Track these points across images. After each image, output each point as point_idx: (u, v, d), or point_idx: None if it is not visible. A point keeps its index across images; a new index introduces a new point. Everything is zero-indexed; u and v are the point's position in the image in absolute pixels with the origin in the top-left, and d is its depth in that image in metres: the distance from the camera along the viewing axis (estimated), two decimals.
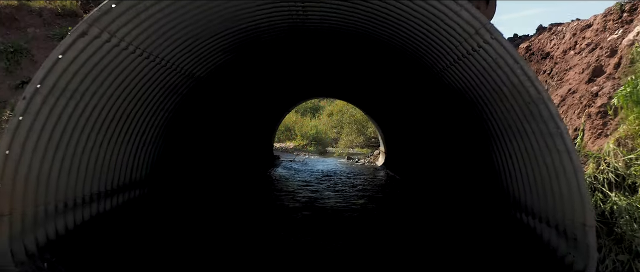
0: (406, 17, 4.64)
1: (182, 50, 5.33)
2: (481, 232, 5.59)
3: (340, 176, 13.96)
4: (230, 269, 4.99)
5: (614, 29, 7.66)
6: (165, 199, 6.84)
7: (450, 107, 6.46)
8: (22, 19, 7.98)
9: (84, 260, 4.53)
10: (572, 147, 3.42)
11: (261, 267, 5.12)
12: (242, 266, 5.14)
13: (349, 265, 5.23)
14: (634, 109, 5.09)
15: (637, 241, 4.45)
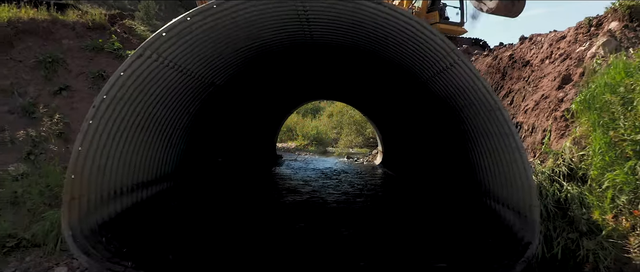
0: (394, 36, 5.62)
1: (206, 63, 6.31)
2: (458, 216, 6.58)
3: (340, 173, 14.94)
4: (244, 246, 5.98)
5: (582, 41, 8.64)
6: (188, 191, 7.81)
7: (436, 112, 7.44)
8: (57, 32, 8.95)
9: (130, 237, 5.52)
10: (521, 145, 4.40)
11: (274, 246, 6.10)
12: (254, 243, 6.13)
13: (348, 243, 6.22)
14: (587, 114, 6.07)
15: (584, 222, 5.43)
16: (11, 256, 6.20)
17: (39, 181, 6.87)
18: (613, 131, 5.59)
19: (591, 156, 5.79)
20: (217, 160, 9.74)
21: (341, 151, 25.23)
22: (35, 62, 8.42)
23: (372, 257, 5.64)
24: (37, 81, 8.31)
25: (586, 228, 5.40)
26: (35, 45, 8.64)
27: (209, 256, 5.62)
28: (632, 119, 5.48)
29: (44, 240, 6.30)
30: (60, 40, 8.85)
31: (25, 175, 6.99)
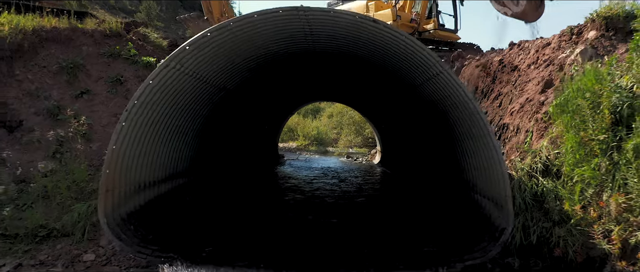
0: (388, 48, 6.30)
1: (220, 71, 6.99)
2: (447, 208, 7.26)
3: (340, 172, 15.63)
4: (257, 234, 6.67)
5: (564, 49, 9.31)
6: (200, 186, 8.50)
7: (428, 114, 8.13)
8: (77, 39, 9.63)
9: (153, 226, 6.20)
10: (497, 144, 5.08)
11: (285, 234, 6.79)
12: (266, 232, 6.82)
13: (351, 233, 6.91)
14: (561, 116, 6.75)
15: (556, 212, 6.11)
16: (43, 244, 6.88)
17: (66, 177, 7.55)
18: (583, 132, 6.27)
19: (564, 154, 6.47)
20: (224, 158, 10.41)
21: (341, 150, 25.92)
22: (58, 67, 9.10)
23: (372, 244, 6.32)
24: (60, 85, 8.98)
25: (558, 218, 6.08)
26: (57, 52, 9.32)
27: (226, 242, 6.30)
28: (599, 121, 6.16)
29: (72, 230, 6.98)
30: (80, 47, 9.53)
31: (53, 171, 7.67)
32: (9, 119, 8.62)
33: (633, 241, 5.38)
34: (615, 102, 6.15)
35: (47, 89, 8.85)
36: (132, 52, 9.53)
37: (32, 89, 8.82)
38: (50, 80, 8.99)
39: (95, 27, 9.86)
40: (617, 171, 5.74)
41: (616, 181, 5.71)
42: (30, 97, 8.75)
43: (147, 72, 9.53)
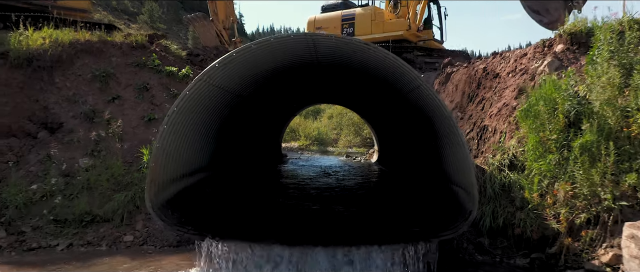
0: (378, 63, 7.55)
1: (238, 82, 8.23)
2: (430, 197, 8.52)
3: (340, 170, 16.88)
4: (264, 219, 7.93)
5: (538, 59, 10.57)
6: (218, 180, 9.74)
7: (416, 118, 9.38)
8: (107, 51, 10.88)
9: (184, 211, 7.45)
10: (465, 142, 6.32)
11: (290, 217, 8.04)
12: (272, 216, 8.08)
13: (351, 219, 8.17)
14: (526, 120, 8.00)
15: (518, 200, 7.36)
16: (89, 228, 8.15)
17: (105, 172, 8.80)
18: (542, 133, 7.53)
19: (527, 151, 7.73)
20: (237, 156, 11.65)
21: (341, 150, 27.18)
22: (92, 76, 10.35)
23: (367, 226, 7.58)
24: (94, 92, 10.23)
25: (520, 204, 7.33)
26: (90, 62, 10.56)
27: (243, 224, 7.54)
28: (554, 124, 7.41)
29: (112, 216, 8.26)
30: (110, 57, 10.78)
31: (92, 167, 8.92)
32: (50, 122, 9.88)
33: (578, 221, 6.64)
34: (568, 108, 7.42)
35: (83, 95, 10.10)
36: (156, 62, 10.77)
37: (70, 95, 10.07)
38: (85, 87, 10.24)
39: (122, 40, 11.11)
40: (567, 165, 7.00)
41: (566, 173, 6.97)
42: (69, 102, 9.99)
43: (170, 80, 10.80)
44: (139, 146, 9.25)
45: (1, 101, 9.82)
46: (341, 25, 18.08)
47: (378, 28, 17.20)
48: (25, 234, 7.82)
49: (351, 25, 17.93)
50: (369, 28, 17.49)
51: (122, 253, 7.53)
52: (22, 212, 8.11)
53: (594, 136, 6.87)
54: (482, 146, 9.88)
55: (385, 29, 17.26)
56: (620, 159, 6.64)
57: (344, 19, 18.02)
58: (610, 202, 6.37)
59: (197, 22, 16.84)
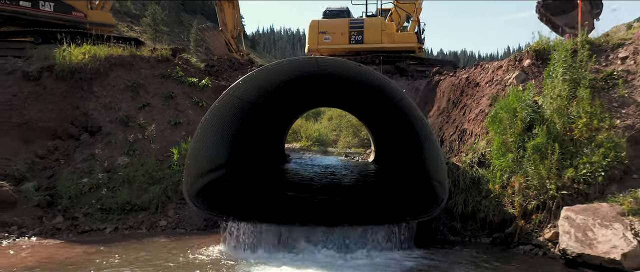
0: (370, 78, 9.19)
1: (254, 93, 9.87)
2: (414, 189, 10.16)
3: (339, 168, 18.53)
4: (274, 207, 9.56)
5: (510, 71, 12.20)
6: (235, 175, 11.38)
7: (404, 122, 11.02)
8: (136, 64, 12.51)
9: (211, 199, 9.08)
10: (438, 145, 7.96)
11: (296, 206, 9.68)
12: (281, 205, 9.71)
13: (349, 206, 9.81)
14: (492, 124, 9.62)
15: (484, 191, 8.98)
16: (129, 215, 9.76)
17: (140, 168, 10.42)
18: (504, 136, 9.16)
19: (492, 151, 9.36)
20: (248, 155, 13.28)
21: (340, 150, 28.82)
22: (125, 86, 11.98)
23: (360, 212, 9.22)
24: (127, 100, 11.87)
25: (485, 194, 8.96)
26: (123, 74, 12.20)
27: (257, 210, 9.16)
28: (514, 128, 9.05)
29: (149, 205, 9.87)
30: (139, 70, 12.41)
31: (130, 164, 10.54)
32: (90, 126, 11.51)
33: (529, 207, 8.29)
34: (525, 115, 9.07)
35: (118, 103, 11.73)
36: (180, 73, 12.40)
37: (106, 103, 11.71)
38: (119, 95, 11.87)
39: (150, 54, 12.75)
40: (522, 162, 8.64)
41: (521, 169, 8.61)
42: (105, 109, 11.63)
43: (191, 89, 12.44)
44: (168, 146, 10.88)
45: (48, 108, 11.47)
46: (349, 31, 18.15)
47: (389, 39, 18.02)
48: (78, 219, 9.44)
49: (360, 33, 18.15)
50: (380, 37, 17.99)
51: (159, 235, 9.14)
52: (74, 202, 9.73)
53: (544, 139, 8.52)
54: (462, 147, 11.50)
55: (395, 40, 18.17)
56: (564, 157, 8.29)
57: (352, 26, 18.21)
58: (554, 192, 8.02)
59: (208, 32, 18.41)
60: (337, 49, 17.78)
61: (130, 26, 72.96)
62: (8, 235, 8.60)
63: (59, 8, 13.95)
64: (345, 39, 17.85)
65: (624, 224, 6.92)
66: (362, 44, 17.80)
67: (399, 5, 18.87)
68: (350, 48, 17.76)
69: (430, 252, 7.96)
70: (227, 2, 17.80)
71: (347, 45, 17.80)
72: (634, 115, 8.66)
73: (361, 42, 17.80)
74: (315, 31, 18.03)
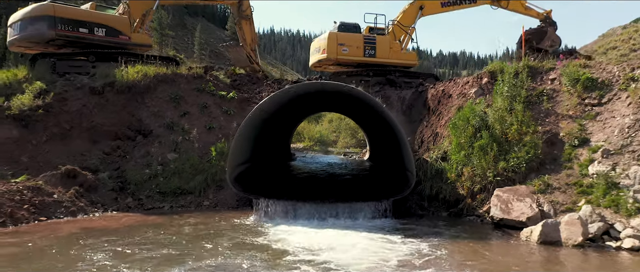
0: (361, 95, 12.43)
1: (272, 105, 13.08)
2: (394, 179, 13.39)
3: (339, 164, 21.74)
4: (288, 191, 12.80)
5: (473, 86, 15.41)
6: (256, 168, 14.60)
7: (388, 128, 14.24)
8: (177, 80, 15.72)
9: (243, 184, 12.31)
10: (407, 143, 11.18)
11: (305, 190, 12.92)
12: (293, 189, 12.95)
13: (338, 189, 13.05)
14: (452, 130, 12.82)
15: (445, 179, 12.18)
16: (180, 197, 12.95)
17: (186, 162, 13.61)
18: (459, 138, 12.37)
19: (451, 149, 12.57)
20: (264, 153, 16.50)
21: (339, 150, 32.05)
22: (169, 98, 15.19)
23: (351, 193, 12.44)
24: (171, 109, 15.07)
25: (445, 181, 12.17)
26: (167, 88, 15.41)
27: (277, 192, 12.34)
28: (467, 133, 12.26)
29: (194, 190, 13.07)
30: (179, 85, 15.62)
31: (177, 159, 13.73)
32: (143, 129, 14.71)
33: (475, 189, 11.51)
34: (474, 123, 12.28)
35: (164, 111, 14.94)
36: (212, 88, 15.62)
37: (155, 111, 14.92)
38: (165, 105, 15.09)
39: (187, 72, 15.97)
40: (471, 157, 11.85)
41: (470, 162, 11.82)
42: (155, 116, 14.84)
43: (221, 100, 15.63)
44: (205, 146, 14.08)
45: (110, 115, 14.68)
46: (364, 45, 20.11)
47: (395, 55, 20.63)
48: (143, 200, 12.63)
49: (373, 47, 20.24)
50: (388, 53, 20.39)
51: (203, 211, 12.32)
52: (139, 187, 12.92)
53: (487, 140, 11.74)
54: (434, 146, 14.75)
55: (400, 57, 20.96)
56: (500, 153, 11.52)
57: (366, 41, 20.21)
58: (492, 178, 11.24)
59: (231, 49, 21.43)
60: (354, 60, 20.00)
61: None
62: (97, 210, 11.80)
63: (109, 33, 17.08)
64: (361, 52, 19.89)
65: (533, 199, 10.15)
66: (374, 58, 20.08)
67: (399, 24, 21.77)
68: (365, 60, 20.09)
69: (404, 220, 11.17)
70: (245, 21, 20.80)
71: (362, 57, 19.91)
72: (553, 123, 11.91)
73: (374, 56, 20.08)
74: (334, 42, 19.66)
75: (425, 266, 7.48)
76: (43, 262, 7.49)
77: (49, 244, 8.59)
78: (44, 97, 14.43)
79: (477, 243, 9.09)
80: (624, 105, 11.01)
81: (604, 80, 11.91)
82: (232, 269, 7.25)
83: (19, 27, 16.33)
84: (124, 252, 8.08)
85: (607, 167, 9.92)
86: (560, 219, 9.03)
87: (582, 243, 8.50)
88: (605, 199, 9.39)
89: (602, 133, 10.84)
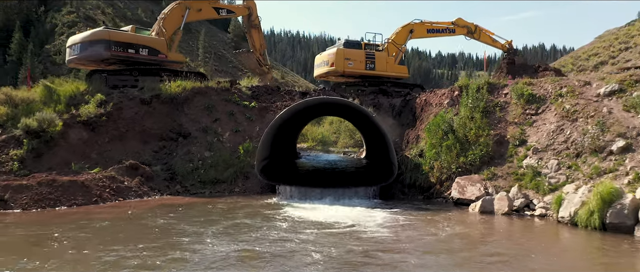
0: (356, 105, 16.19)
1: (288, 113, 16.80)
2: (382, 171, 17.14)
3: (339, 162, 25.50)
4: (301, 179, 16.55)
5: (446, 98, 19.13)
6: (274, 163, 18.35)
7: (377, 131, 18.01)
8: (209, 92, 19.47)
9: (266, 174, 16.08)
10: (391, 142, 14.91)
11: (312, 179, 16.67)
12: (303, 178, 16.71)
13: (338, 179, 16.80)
14: (427, 133, 16.52)
15: (421, 170, 15.90)
16: (216, 185, 16.69)
17: (219, 158, 17.33)
18: (432, 139, 16.09)
19: (426, 148, 16.29)
20: (277, 152, 20.27)
21: (339, 149, 35.78)
22: (203, 107, 18.93)
23: (348, 181, 16.19)
24: (205, 116, 18.81)
25: (421, 172, 15.89)
26: (201, 99, 19.15)
27: (292, 179, 16.04)
28: (438, 135, 15.98)
29: (226, 180, 16.82)
30: (211, 96, 19.35)
31: (212, 156, 17.46)
32: (183, 132, 18.44)
33: (442, 178, 15.26)
34: (444, 128, 16.02)
35: (199, 118, 18.68)
36: (236, 98, 19.35)
37: (192, 118, 18.65)
38: (200, 113, 18.82)
39: (216, 85, 19.72)
40: (441, 154, 15.58)
41: (440, 158, 15.56)
42: (192, 122, 18.57)
43: (244, 108, 19.35)
44: (233, 146, 17.79)
45: (156, 121, 18.41)
46: (365, 60, 23.75)
47: (390, 68, 24.46)
48: (188, 187, 16.34)
49: (373, 62, 23.95)
50: (385, 67, 24.20)
51: (234, 196, 16.02)
52: (185, 178, 16.63)
53: (452, 141, 15.48)
54: (415, 146, 18.49)
55: (394, 70, 24.74)
56: (461, 151, 15.24)
57: (367, 57, 23.85)
58: (455, 170, 14.98)
59: (243, 55, 25.18)
60: (357, 72, 23.63)
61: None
62: (155, 194, 15.51)
63: (151, 52, 20.73)
64: (363, 66, 23.57)
65: (482, 184, 13.89)
66: (374, 71, 23.75)
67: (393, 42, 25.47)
68: (366, 73, 23.81)
69: (389, 201, 14.89)
70: (254, 29, 24.46)
71: (363, 70, 23.62)
72: (502, 128, 15.65)
73: (373, 69, 23.84)
74: (341, 57, 23.31)
75: (398, 223, 11.20)
76: (147, 221, 11.23)
77: (140, 212, 12.35)
78: (104, 106, 18.17)
79: (438, 214, 12.81)
80: (552, 115, 14.76)
81: (541, 95, 15.67)
82: (268, 227, 10.96)
83: (79, 48, 20.06)
84: (190, 218, 11.81)
85: (535, 161, 13.65)
86: (495, 197, 12.77)
87: (509, 212, 12.24)
88: (531, 183, 13.13)
89: (536, 136, 14.59)
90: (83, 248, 8.79)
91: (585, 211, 10.27)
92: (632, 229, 9.62)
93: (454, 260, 8.30)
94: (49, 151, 16.40)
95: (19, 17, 67.12)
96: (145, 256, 8.21)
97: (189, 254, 8.36)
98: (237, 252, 8.56)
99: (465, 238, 10.09)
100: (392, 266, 7.90)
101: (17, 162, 15.49)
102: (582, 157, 12.74)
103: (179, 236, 9.83)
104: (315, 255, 8.39)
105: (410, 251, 8.89)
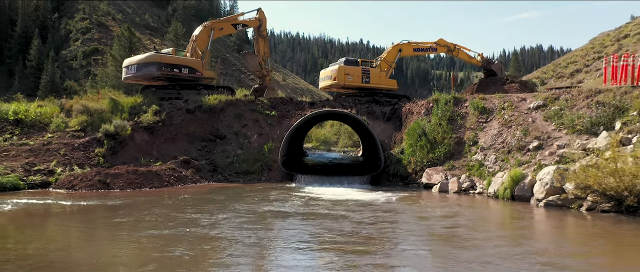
0: (351, 114, 21.62)
1: (302, 121, 22.16)
2: (372, 165, 22.50)
3: (339, 158, 30.90)
4: (311, 170, 21.99)
5: (424, 107, 24.50)
6: (289, 159, 23.76)
7: (369, 134, 23.48)
8: (238, 103, 24.87)
9: (286, 167, 21.52)
10: (379, 141, 20.31)
11: (319, 170, 22.10)
12: (313, 168, 22.14)
13: (337, 172, 22.23)
14: (407, 135, 21.85)
15: (402, 164, 21.26)
16: (247, 175, 22.14)
17: (248, 155, 22.73)
18: (410, 140, 21.44)
19: (406, 147, 21.64)
20: (291, 151, 25.73)
21: (340, 149, 41.20)
22: (234, 115, 24.33)
23: (345, 172, 21.59)
24: (235, 122, 24.21)
25: (402, 165, 21.26)
26: (232, 109, 24.55)
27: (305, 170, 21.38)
28: (415, 137, 21.33)
29: (255, 171, 22.28)
30: (240, 106, 24.75)
31: (243, 153, 22.85)
32: (219, 135, 23.84)
33: (417, 169, 20.70)
34: (419, 131, 21.44)
35: (231, 124, 24.06)
36: (260, 108, 24.73)
37: (226, 124, 24.04)
38: (232, 120, 24.22)
39: (243, 98, 25.12)
40: (416, 151, 20.97)
41: (416, 154, 20.97)
42: (226, 127, 23.95)
43: (266, 116, 24.75)
44: (259, 146, 23.16)
45: (199, 126, 23.80)
46: (362, 75, 28.46)
47: (382, 81, 29.56)
48: (227, 177, 21.71)
49: (368, 76, 28.67)
50: (378, 80, 29.15)
51: (263, 183, 21.37)
52: (223, 169, 22.01)
53: (424, 142, 20.91)
54: (399, 145, 23.89)
55: (385, 83, 29.94)
56: (431, 149, 20.65)
57: (363, 72, 28.61)
58: (425, 163, 20.41)
59: (248, 55, 30.31)
60: (355, 85, 28.56)
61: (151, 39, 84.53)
62: (204, 181, 20.88)
63: (190, 71, 26.01)
64: (360, 80, 28.48)
65: (444, 173, 19.30)
66: (369, 84, 28.87)
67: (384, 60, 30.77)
68: (362, 85, 28.81)
69: (377, 187, 20.25)
70: (262, 39, 29.64)
71: (360, 83, 28.52)
72: (462, 132, 21.06)
73: (368, 83, 28.78)
74: (342, 72, 27.96)
75: (383, 198, 16.59)
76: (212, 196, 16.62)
77: (200, 191, 17.76)
78: (159, 115, 23.56)
79: (412, 194, 18.19)
80: (496, 123, 20.18)
81: (490, 108, 21.10)
82: (295, 198, 16.31)
83: (135, 68, 25.43)
84: (235, 195, 17.19)
85: (481, 156, 19.05)
86: (449, 181, 18.20)
87: (458, 191, 17.66)
88: (477, 172, 18.52)
89: (484, 138, 19.99)
90: (185, 208, 14.14)
91: (502, 188, 15.68)
92: (529, 198, 15.02)
93: (418, 214, 13.69)
94: (121, 149, 21.80)
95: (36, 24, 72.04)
96: (229, 213, 13.58)
97: (253, 214, 13.74)
98: (280, 211, 13.95)
99: (426, 205, 15.50)
100: (378, 211, 13.28)
101: (101, 158, 20.87)
102: (511, 154, 18.15)
103: (240, 203, 15.19)
104: (329, 211, 13.78)
105: (389, 209, 14.29)
